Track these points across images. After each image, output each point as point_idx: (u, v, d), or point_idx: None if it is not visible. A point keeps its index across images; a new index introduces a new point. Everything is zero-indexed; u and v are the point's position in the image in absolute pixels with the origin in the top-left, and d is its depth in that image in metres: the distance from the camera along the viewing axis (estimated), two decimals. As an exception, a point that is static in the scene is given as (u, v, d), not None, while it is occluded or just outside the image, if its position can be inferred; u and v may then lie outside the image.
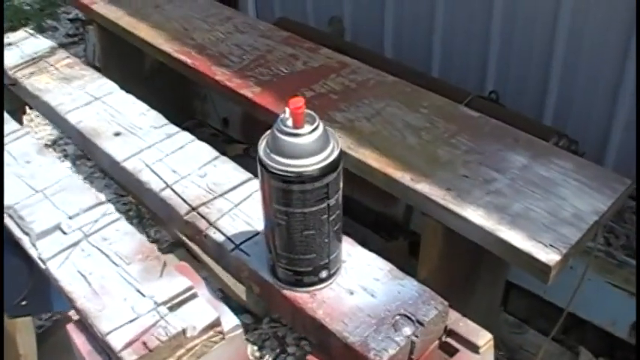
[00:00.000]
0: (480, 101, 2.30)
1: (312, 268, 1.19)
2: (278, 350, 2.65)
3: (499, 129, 1.80)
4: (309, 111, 1.08)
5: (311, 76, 2.06)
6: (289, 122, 1.08)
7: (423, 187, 1.61)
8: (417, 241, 1.91)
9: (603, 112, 2.40)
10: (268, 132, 1.12)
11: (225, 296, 2.81)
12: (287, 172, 1.07)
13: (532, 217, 1.52)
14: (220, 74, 2.11)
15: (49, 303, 1.87)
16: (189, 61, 2.20)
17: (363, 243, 1.29)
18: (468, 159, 1.68)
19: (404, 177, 1.64)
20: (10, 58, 2.04)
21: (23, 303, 1.78)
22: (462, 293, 1.82)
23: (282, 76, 2.08)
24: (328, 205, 1.12)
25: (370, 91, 1.96)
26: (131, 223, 3.11)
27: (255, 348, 2.59)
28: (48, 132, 3.53)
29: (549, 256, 1.43)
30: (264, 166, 1.09)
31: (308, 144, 1.07)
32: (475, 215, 1.53)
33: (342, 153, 1.10)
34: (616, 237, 2.37)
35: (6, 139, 1.72)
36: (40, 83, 1.92)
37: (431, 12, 2.73)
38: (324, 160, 1.08)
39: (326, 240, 1.16)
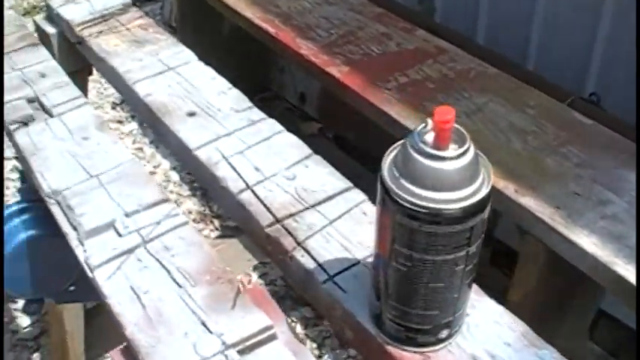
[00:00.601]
0: (581, 103, 2.05)
1: (432, 327, 0.92)
2: (339, 350, 2.45)
3: (614, 141, 1.55)
4: (457, 126, 0.80)
5: (405, 59, 1.82)
6: (429, 139, 0.80)
7: (529, 202, 1.36)
8: (500, 250, 1.75)
9: None
10: (397, 146, 0.84)
11: (287, 285, 2.63)
12: (420, 207, 0.79)
13: (654, 253, 1.28)
14: (305, 48, 1.86)
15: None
16: (272, 30, 1.96)
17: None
18: (580, 173, 1.43)
19: (507, 187, 1.40)
20: (78, 14, 1.79)
21: (71, 289, 1.64)
22: (552, 319, 1.60)
23: (374, 57, 1.83)
24: (467, 253, 0.84)
25: (471, 84, 1.72)
26: (194, 195, 2.92)
27: (315, 346, 2.39)
28: (118, 89, 3.35)
29: (677, 306, 1.17)
30: (387, 191, 0.81)
31: (452, 172, 0.79)
32: (588, 242, 1.29)
33: (492, 189, 0.82)
34: None
35: (62, 108, 1.48)
36: (108, 45, 1.66)
37: (531, -2, 2.44)
38: (471, 196, 0.80)
39: (455, 295, 0.89)
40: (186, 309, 1.01)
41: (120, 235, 1.15)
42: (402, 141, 0.83)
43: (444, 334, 0.94)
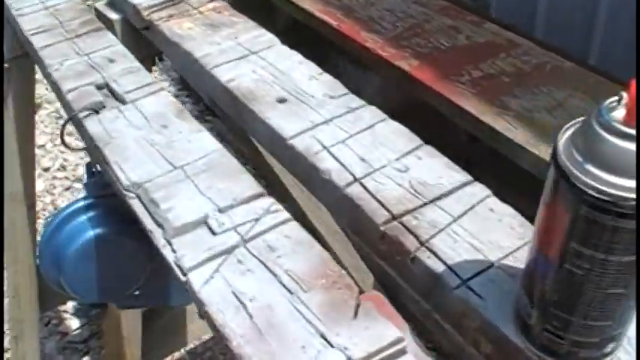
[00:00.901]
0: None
1: (599, 340, 0.78)
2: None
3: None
4: (654, 102, 0.66)
5: (477, 53, 1.73)
6: (619, 115, 0.66)
7: (617, 201, 1.23)
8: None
9: None
10: (575, 123, 0.71)
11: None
12: (610, 196, 0.66)
13: None
14: (371, 41, 1.77)
15: (166, 295, 1.59)
16: (334, 23, 1.87)
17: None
18: (666, 170, 1.29)
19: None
20: (146, -3, 1.67)
21: (136, 293, 1.54)
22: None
23: (443, 50, 1.73)
24: (656, 252, 0.70)
25: (548, 78, 1.62)
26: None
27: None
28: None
29: None
30: (566, 177, 0.68)
31: (649, 155, 0.65)
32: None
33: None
34: None
35: (136, 94, 1.36)
36: (180, 28, 1.54)
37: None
38: (671, 183, 0.66)
39: (632, 303, 0.75)
40: (300, 319, 0.88)
41: (214, 234, 1.02)
42: (582, 118, 0.70)
43: (609, 348, 0.80)
